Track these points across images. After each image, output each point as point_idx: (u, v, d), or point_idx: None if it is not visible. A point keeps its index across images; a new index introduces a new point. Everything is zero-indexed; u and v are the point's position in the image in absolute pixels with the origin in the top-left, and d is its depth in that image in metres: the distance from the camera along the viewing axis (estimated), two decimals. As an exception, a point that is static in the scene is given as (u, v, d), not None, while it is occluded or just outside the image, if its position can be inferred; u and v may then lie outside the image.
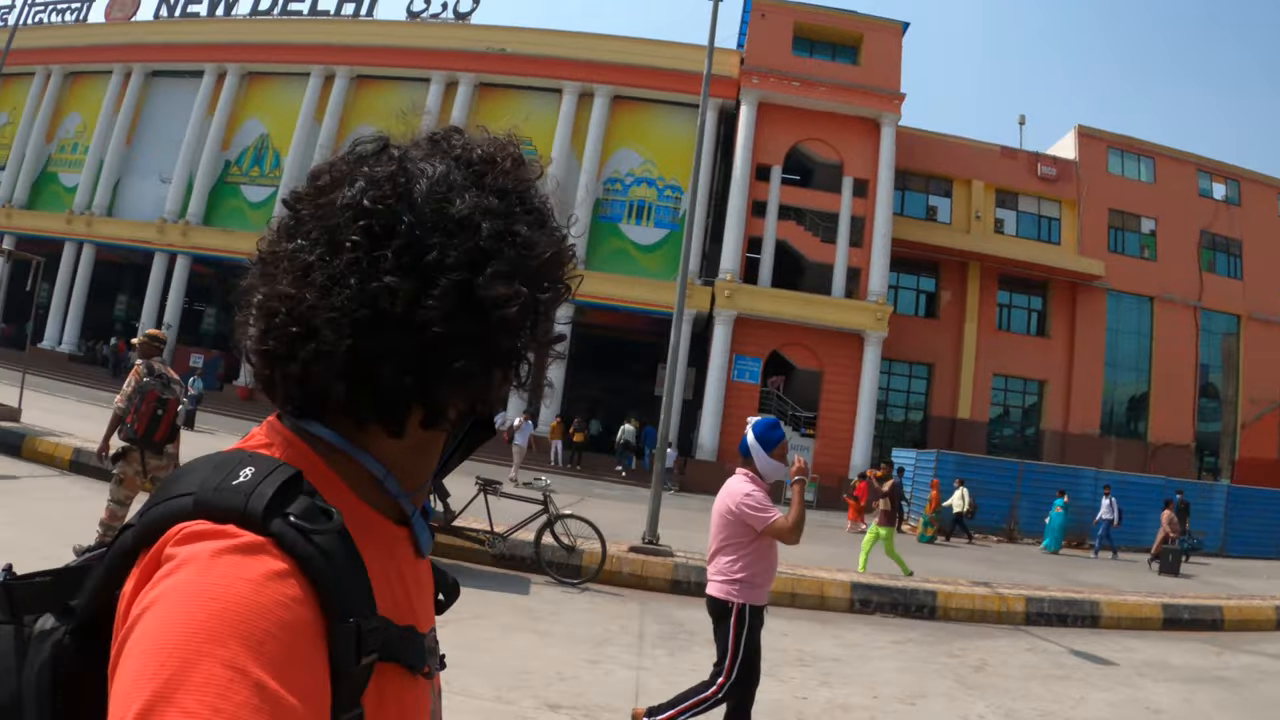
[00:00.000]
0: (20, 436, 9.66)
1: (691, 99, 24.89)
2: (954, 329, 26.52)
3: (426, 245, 0.59)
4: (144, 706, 0.44)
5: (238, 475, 0.55)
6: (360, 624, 0.53)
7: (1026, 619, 8.14)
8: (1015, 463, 21.36)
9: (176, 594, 0.49)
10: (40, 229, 28.40)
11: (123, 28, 29.84)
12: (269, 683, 0.46)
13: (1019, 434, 27.78)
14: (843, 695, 5.10)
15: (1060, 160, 28.03)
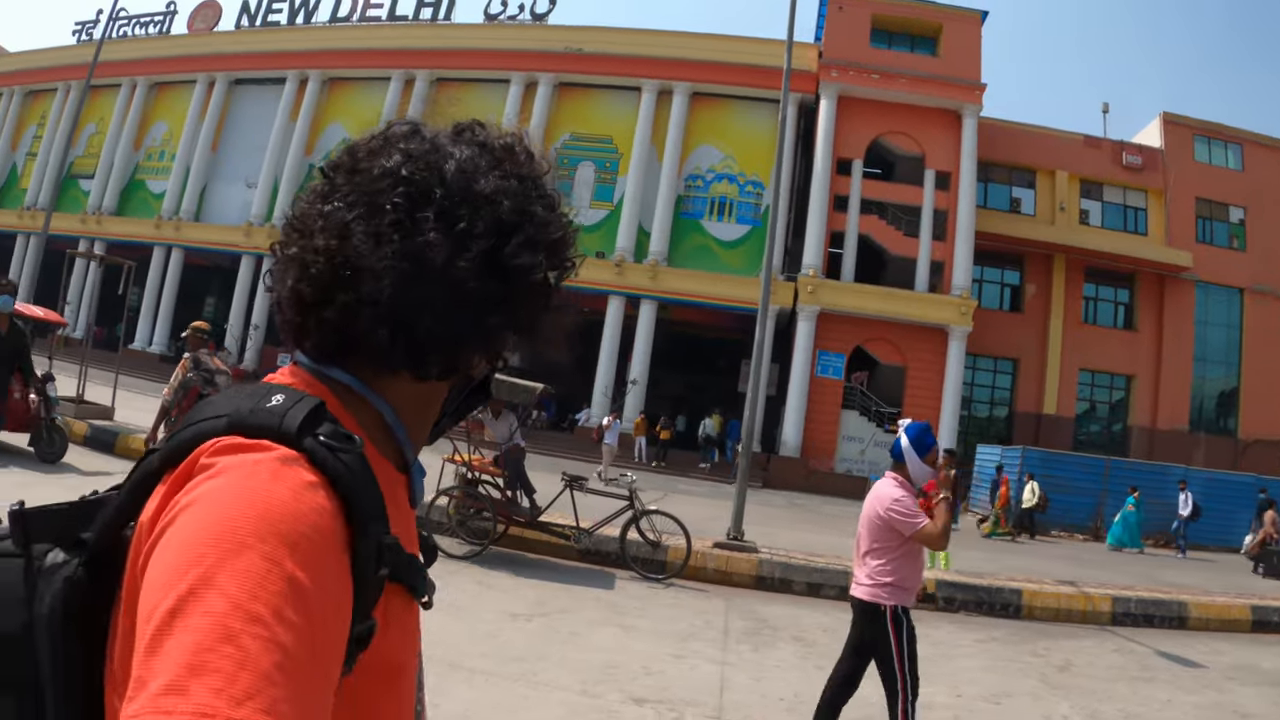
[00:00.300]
0: (114, 434, 9.98)
1: (769, 94, 24.77)
2: (1039, 323, 25.96)
3: (458, 215, 0.65)
4: (187, 590, 0.47)
5: (270, 400, 0.60)
6: (380, 539, 0.58)
7: (1112, 619, 7.97)
8: (1101, 459, 20.87)
9: (219, 494, 0.52)
10: (130, 234, 29.40)
11: (205, 38, 30.73)
12: (302, 579, 0.50)
13: (1105, 430, 27.08)
14: (926, 694, 5.03)
15: (1145, 148, 27.26)
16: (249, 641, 0.46)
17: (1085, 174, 26.73)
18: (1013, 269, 26.55)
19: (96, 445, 9.77)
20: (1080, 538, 18.01)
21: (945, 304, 23.64)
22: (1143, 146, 27.35)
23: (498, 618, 5.41)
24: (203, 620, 0.46)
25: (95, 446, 9.71)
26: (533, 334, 0.72)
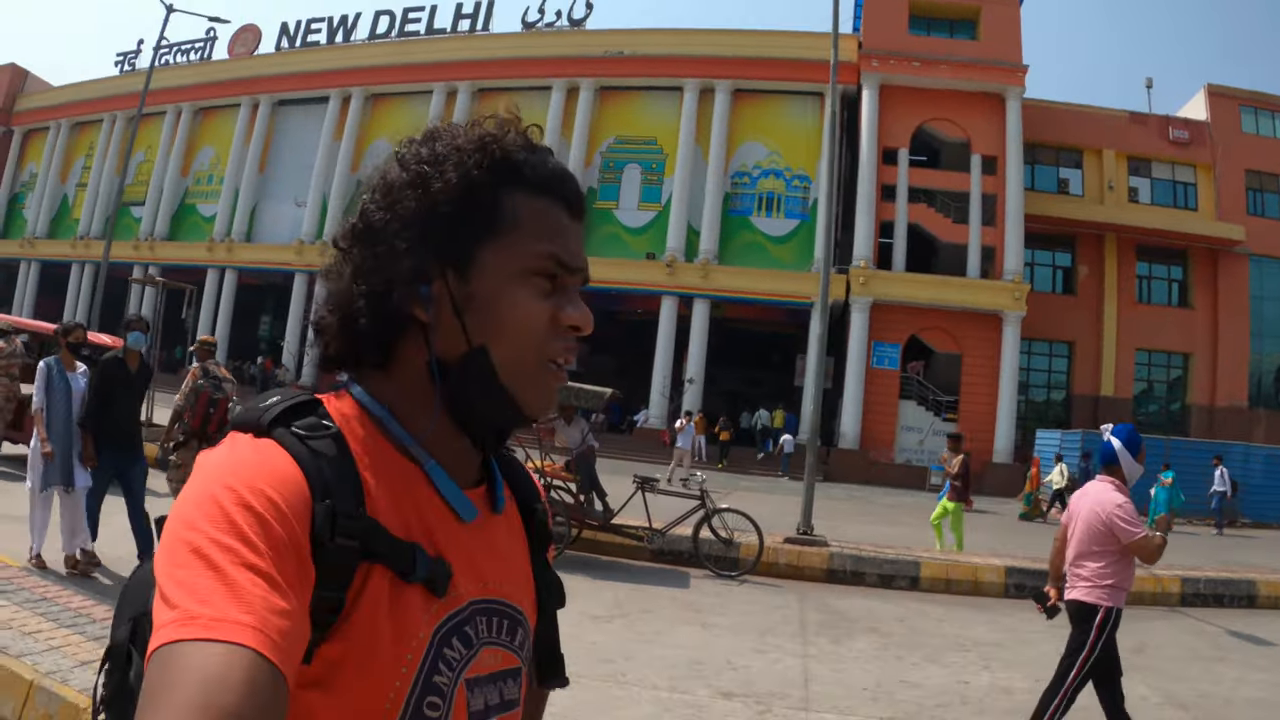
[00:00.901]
0: None
1: (811, 87, 24.83)
2: (1093, 304, 25.72)
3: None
4: (169, 521, 0.60)
5: (264, 402, 0.68)
6: (335, 506, 0.62)
7: (1182, 600, 7.91)
8: (1161, 440, 20.63)
9: (198, 470, 0.63)
10: (183, 258, 30.08)
11: (246, 62, 31.37)
12: (253, 504, 0.58)
13: (1164, 410, 26.75)
14: (1004, 679, 5.09)
15: (1191, 122, 26.90)
16: (205, 549, 0.56)
17: (1132, 151, 26.43)
18: (1064, 251, 26.33)
19: (165, 466, 10.01)
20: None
21: (998, 289, 23.51)
22: (1189, 120, 26.99)
23: (579, 620, 5.47)
24: (172, 542, 0.58)
25: (167, 468, 9.98)
26: (467, 262, 0.71)
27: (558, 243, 0.72)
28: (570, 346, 0.72)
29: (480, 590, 0.72)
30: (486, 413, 0.72)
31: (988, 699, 4.75)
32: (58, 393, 5.46)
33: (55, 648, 3.49)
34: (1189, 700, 5.01)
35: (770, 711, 4.21)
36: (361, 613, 0.63)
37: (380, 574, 0.64)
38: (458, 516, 0.72)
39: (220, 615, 0.53)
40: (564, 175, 0.76)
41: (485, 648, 0.71)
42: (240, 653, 0.52)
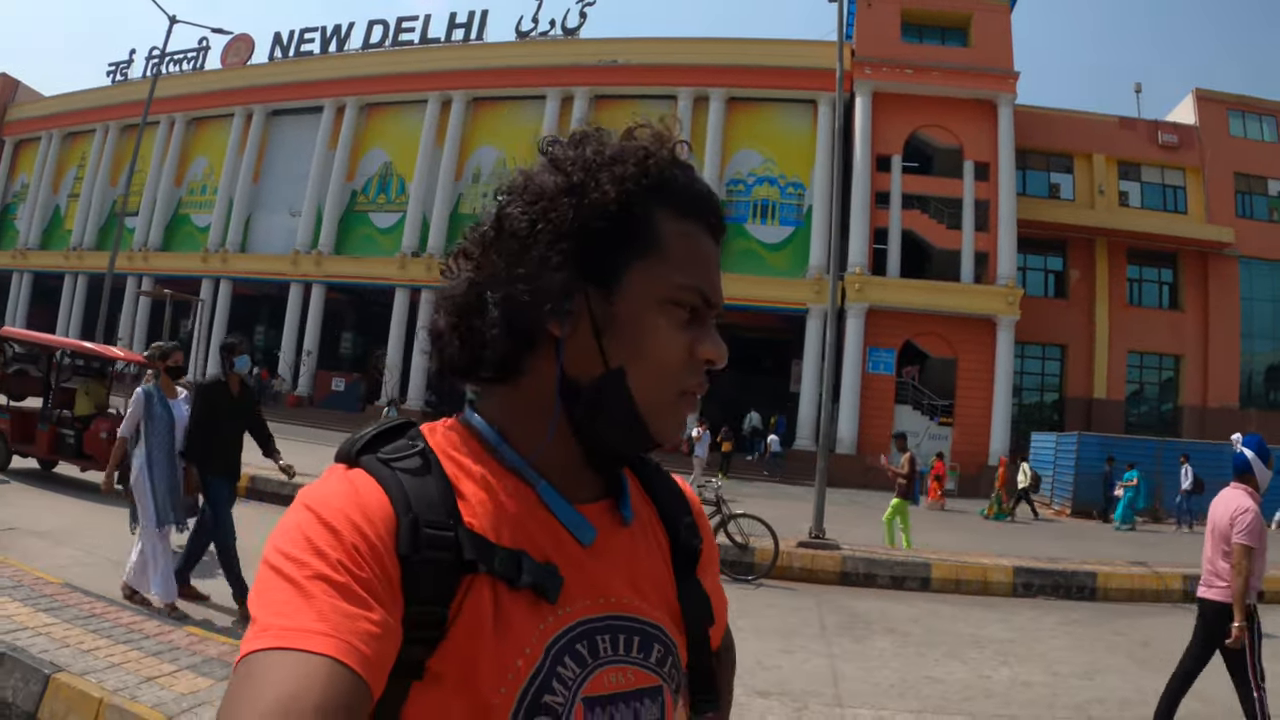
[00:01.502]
0: None
1: (805, 95, 25.00)
2: (1085, 307, 25.95)
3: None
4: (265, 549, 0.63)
5: (359, 433, 0.70)
6: (420, 519, 0.63)
7: (1185, 596, 8.02)
8: (1155, 441, 20.85)
9: (295, 498, 0.66)
10: (177, 269, 29.96)
11: (240, 72, 31.31)
12: (335, 526, 0.60)
13: (1155, 411, 26.99)
14: (1023, 673, 5.28)
15: (1180, 126, 27.18)
16: (281, 566, 0.59)
17: (1122, 155, 26.69)
18: (1056, 255, 26.55)
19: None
20: (1139, 519, 18.04)
21: (992, 294, 23.71)
22: (1177, 124, 27.27)
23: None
24: (261, 565, 0.61)
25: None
26: (605, 268, 0.69)
27: (702, 274, 0.70)
28: (702, 381, 0.71)
29: (601, 606, 0.70)
30: (616, 437, 0.71)
31: (1010, 692, 4.91)
32: (159, 423, 5.04)
33: (116, 664, 3.51)
34: (1202, 691, 5.08)
35: (807, 709, 4.33)
36: (463, 625, 0.63)
37: (483, 584, 0.64)
38: (576, 539, 0.71)
39: (294, 625, 0.55)
40: (709, 198, 0.74)
41: (608, 666, 0.69)
42: (314, 659, 0.53)
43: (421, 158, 27.04)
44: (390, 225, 27.55)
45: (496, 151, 26.94)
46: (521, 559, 0.65)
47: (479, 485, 0.68)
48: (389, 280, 26.45)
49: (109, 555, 5.99)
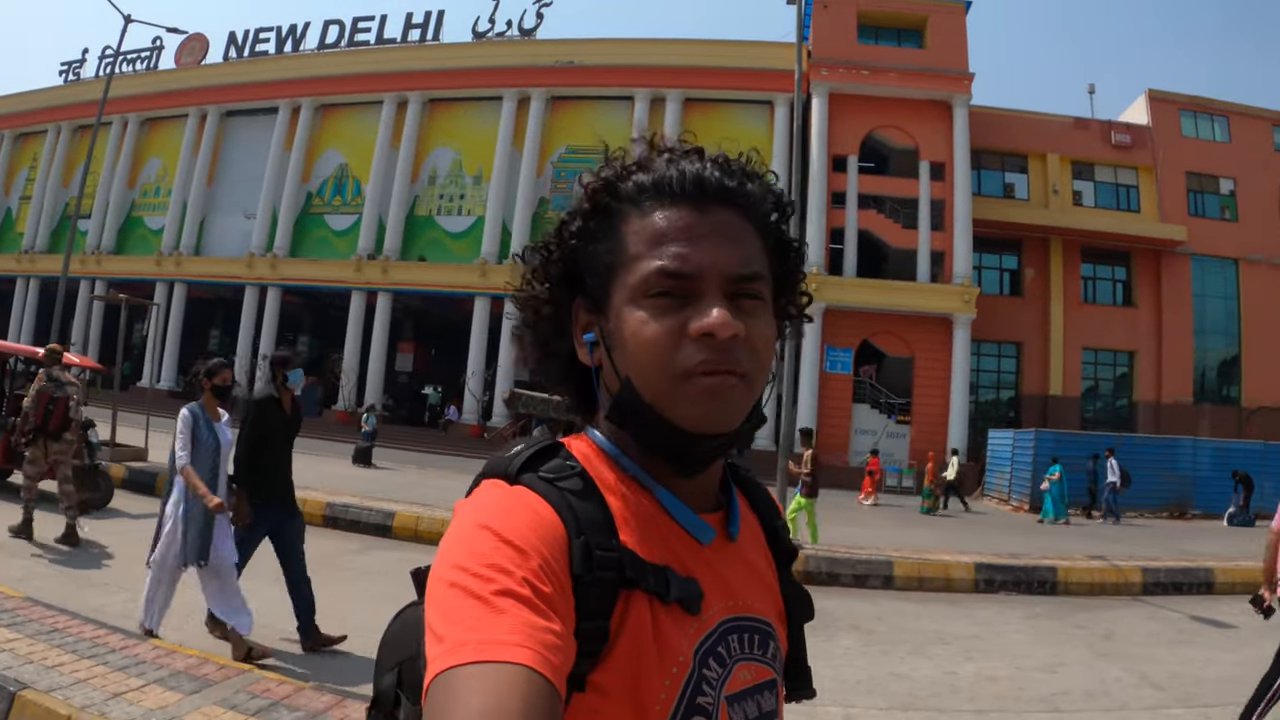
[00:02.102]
0: (153, 475, 9.99)
1: (760, 96, 25.05)
2: (1040, 305, 26.24)
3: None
4: (434, 565, 0.64)
5: (510, 450, 0.72)
6: (590, 540, 0.65)
7: (1143, 589, 8.27)
8: (1112, 437, 21.10)
9: (456, 517, 0.67)
10: (131, 272, 29.44)
11: (194, 72, 30.80)
12: (512, 539, 0.62)
13: (1110, 407, 27.38)
14: (988, 668, 5.36)
15: (1133, 126, 27.56)
16: (467, 583, 0.59)
17: (1076, 155, 27.01)
18: (1011, 254, 26.82)
19: (136, 487, 9.82)
20: (1096, 514, 18.29)
21: (948, 293, 23.91)
22: (1130, 125, 27.65)
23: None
24: (436, 583, 0.61)
25: (135, 489, 9.77)
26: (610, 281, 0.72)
27: (665, 253, 0.69)
28: (711, 357, 0.67)
29: (730, 609, 0.74)
30: (652, 437, 0.72)
31: (977, 687, 4.95)
32: (204, 449, 4.48)
33: (82, 680, 3.42)
34: (1163, 680, 5.24)
35: None
36: (626, 638, 0.65)
37: (639, 600, 0.67)
38: (696, 539, 0.73)
39: (488, 638, 0.55)
40: (681, 174, 0.72)
41: (740, 663, 0.73)
42: (514, 670, 0.54)
43: (377, 159, 26.76)
44: (346, 227, 27.24)
45: (453, 153, 26.75)
46: (668, 575, 0.69)
47: (619, 499, 0.71)
48: (345, 283, 26.16)
49: (67, 567, 5.87)
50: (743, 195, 0.72)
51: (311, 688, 3.79)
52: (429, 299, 26.34)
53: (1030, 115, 27.18)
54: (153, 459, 11.06)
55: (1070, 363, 26.27)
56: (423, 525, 8.69)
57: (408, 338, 28.04)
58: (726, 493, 0.80)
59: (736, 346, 0.68)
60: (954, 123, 24.78)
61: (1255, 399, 26.72)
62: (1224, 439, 21.87)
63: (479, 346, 24.66)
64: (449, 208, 26.65)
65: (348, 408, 25.80)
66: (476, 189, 26.33)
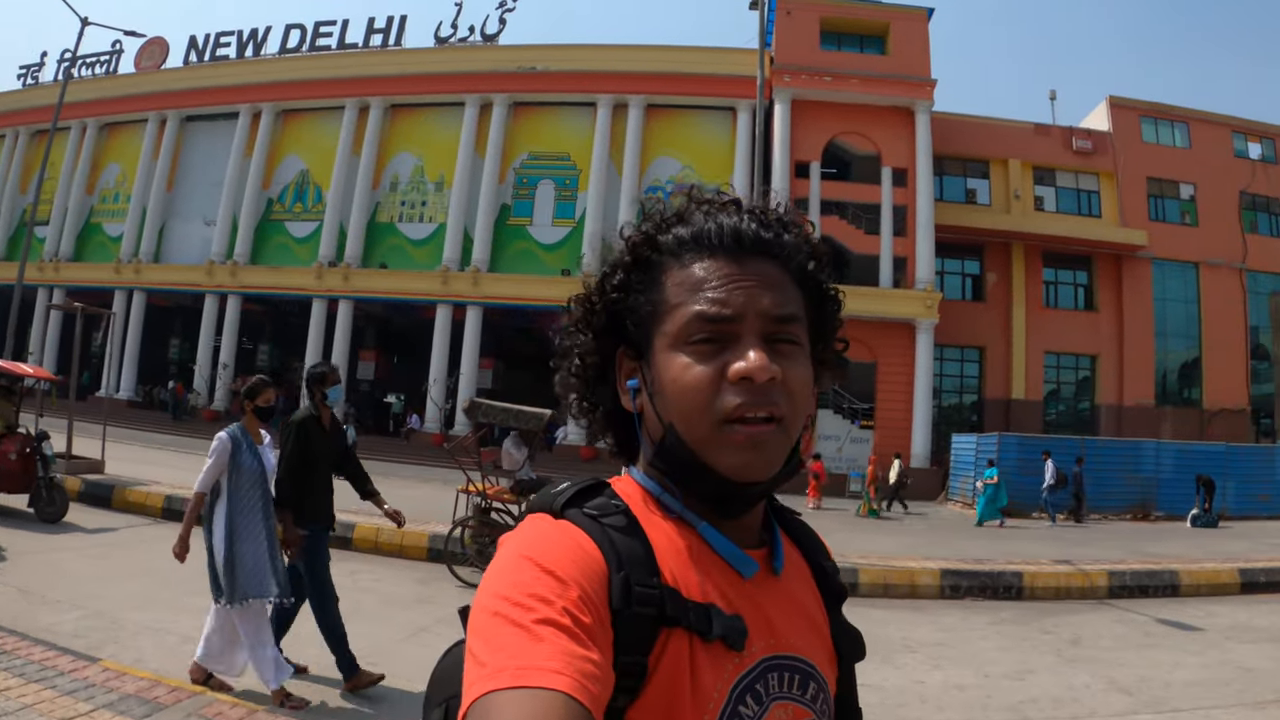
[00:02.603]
0: (109, 488, 9.84)
1: (723, 102, 25.06)
2: (1002, 310, 26.41)
3: None
4: (479, 588, 0.66)
5: (557, 488, 0.74)
6: (629, 575, 0.67)
7: (1109, 592, 8.30)
8: (1075, 439, 21.27)
9: (501, 550, 0.68)
10: (89, 280, 28.94)
11: (154, 76, 30.33)
12: (555, 570, 0.63)
13: (1073, 410, 27.62)
14: (955, 676, 5.35)
15: (1094, 133, 27.85)
16: (508, 612, 0.61)
17: (1037, 161, 27.24)
18: (973, 259, 26.99)
19: (92, 501, 9.63)
20: (1060, 517, 18.40)
21: (910, 298, 24.00)
22: (1091, 131, 27.93)
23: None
24: (479, 612, 0.62)
25: (91, 502, 9.59)
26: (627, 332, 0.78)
27: (703, 299, 0.72)
28: (750, 401, 0.69)
29: (770, 647, 0.74)
30: (695, 483, 0.73)
31: (945, 696, 4.94)
32: (248, 475, 4.16)
33: (29, 705, 3.34)
34: (1131, 685, 5.22)
35: None
36: (663, 675, 0.66)
37: (679, 637, 0.67)
38: (740, 574, 0.74)
39: (527, 664, 0.57)
40: (711, 229, 0.74)
41: (777, 702, 0.72)
42: (552, 696, 0.55)
43: (338, 165, 26.48)
44: (307, 234, 26.92)
45: (414, 159, 26.52)
46: (711, 613, 0.69)
47: (663, 536, 0.72)
48: (306, 291, 25.84)
49: (14, 583, 5.73)
50: (779, 246, 0.75)
51: (265, 711, 3.75)
52: (391, 306, 26.08)
53: (992, 121, 27.39)
54: (110, 471, 10.86)
55: (1032, 367, 26.46)
56: (383, 537, 8.55)
57: (369, 346, 27.75)
58: (769, 531, 0.81)
59: (774, 390, 0.69)
60: (916, 129, 24.89)
61: (1216, 401, 27.08)
62: (1186, 441, 22.13)
63: (441, 354, 24.44)
64: (410, 214, 26.40)
65: (309, 417, 25.47)
66: (438, 195, 26.11)
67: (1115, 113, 28.09)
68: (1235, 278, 27.74)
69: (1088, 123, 28.90)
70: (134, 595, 5.68)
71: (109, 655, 4.36)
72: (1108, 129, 27.82)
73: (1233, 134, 28.90)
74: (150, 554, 7.38)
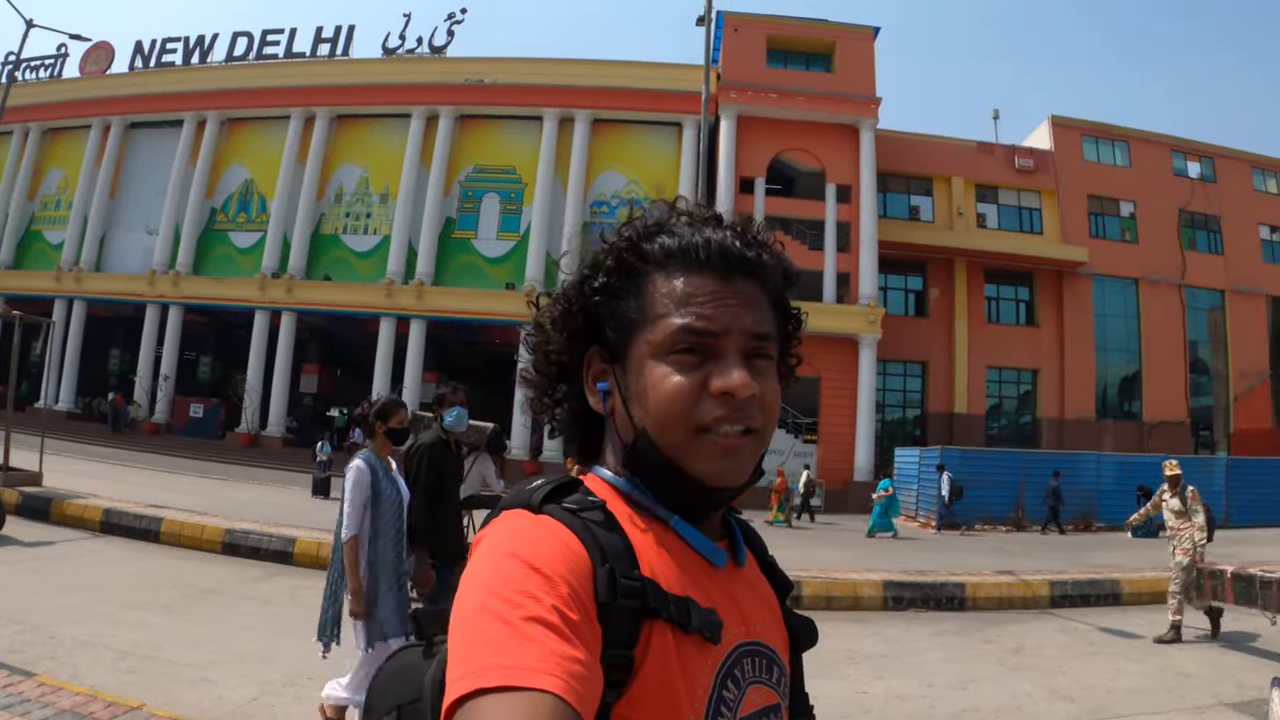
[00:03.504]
0: (47, 500, 9.72)
1: (669, 117, 25.21)
2: (945, 325, 26.82)
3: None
4: (462, 588, 0.66)
5: (531, 484, 0.75)
6: (615, 569, 0.68)
7: (1051, 602, 8.40)
8: (1018, 453, 21.65)
9: (481, 545, 0.69)
10: (29, 288, 28.31)
11: (98, 81, 29.81)
12: (542, 568, 0.64)
13: (1014, 424, 28.10)
14: (898, 687, 5.38)
15: (1036, 151, 28.42)
16: (496, 608, 0.60)
17: (980, 179, 27.73)
18: (916, 275, 27.38)
19: (30, 514, 9.45)
20: (1003, 529, 18.73)
21: (854, 314, 24.28)
22: (1033, 149, 28.49)
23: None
24: (464, 608, 0.62)
25: (29, 515, 9.40)
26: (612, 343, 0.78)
27: (690, 312, 0.74)
28: (728, 414, 0.72)
29: (743, 633, 0.76)
30: (666, 486, 0.75)
31: (887, 707, 4.95)
32: (388, 506, 3.76)
33: None
34: (1073, 693, 5.28)
35: None
36: (651, 669, 0.67)
37: (662, 630, 0.68)
38: (711, 564, 0.76)
39: (517, 664, 0.56)
40: (707, 240, 0.76)
41: (752, 686, 0.75)
42: (541, 697, 0.54)
43: (283, 175, 26.21)
44: (250, 245, 26.59)
45: (360, 170, 26.34)
46: (690, 606, 0.70)
47: (637, 531, 0.73)
48: (249, 302, 25.52)
49: None
50: (761, 266, 0.79)
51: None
52: (334, 319, 25.84)
53: (935, 139, 27.84)
54: (48, 483, 10.68)
55: (975, 381, 26.88)
56: (324, 552, 8.39)
57: (313, 359, 27.43)
58: (727, 526, 0.84)
59: (751, 404, 0.73)
60: (860, 146, 25.23)
61: (1156, 414, 27.70)
62: (1127, 453, 22.60)
63: (384, 368, 24.27)
64: (355, 226, 26.20)
65: (251, 430, 25.17)
66: (383, 207, 25.95)
67: (1057, 132, 28.69)
68: (1174, 293, 28.42)
69: (1030, 141, 29.47)
70: (71, 610, 5.62)
71: (45, 670, 4.30)
72: (1049, 148, 28.41)
73: (1172, 153, 29.63)
74: (88, 568, 7.37)
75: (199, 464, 20.26)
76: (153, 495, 11.10)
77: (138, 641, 4.87)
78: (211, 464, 20.81)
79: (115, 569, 7.27)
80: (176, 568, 7.70)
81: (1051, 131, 28.74)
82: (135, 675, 4.39)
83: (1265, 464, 21.11)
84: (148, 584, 6.81)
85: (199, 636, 5.29)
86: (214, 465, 20.65)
